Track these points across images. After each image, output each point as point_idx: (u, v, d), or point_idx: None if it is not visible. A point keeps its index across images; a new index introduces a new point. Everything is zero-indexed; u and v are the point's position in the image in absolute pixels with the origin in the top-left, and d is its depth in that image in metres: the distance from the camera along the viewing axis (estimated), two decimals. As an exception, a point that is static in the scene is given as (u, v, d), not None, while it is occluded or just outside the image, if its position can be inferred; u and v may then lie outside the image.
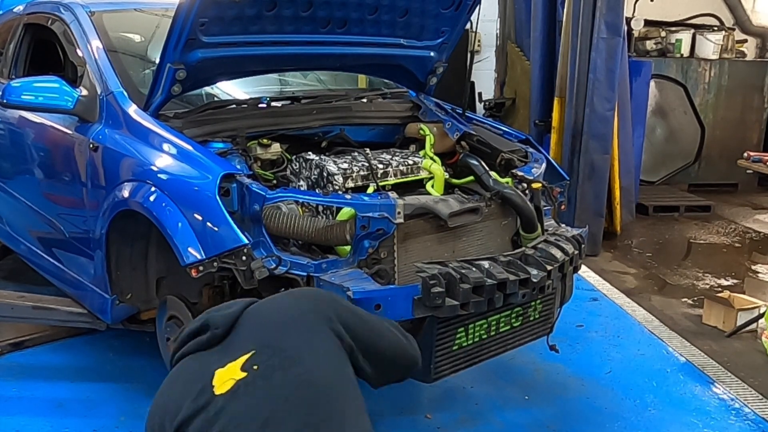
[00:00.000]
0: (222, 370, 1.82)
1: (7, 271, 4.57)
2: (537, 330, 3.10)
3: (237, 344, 1.88)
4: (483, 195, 3.04)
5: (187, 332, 1.96)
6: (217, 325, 1.91)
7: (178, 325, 2.90)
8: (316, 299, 2.04)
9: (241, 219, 2.59)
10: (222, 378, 1.80)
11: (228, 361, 1.83)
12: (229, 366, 1.82)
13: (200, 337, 1.92)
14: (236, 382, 1.78)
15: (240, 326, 1.92)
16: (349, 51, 3.27)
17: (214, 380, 1.80)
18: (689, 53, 7.93)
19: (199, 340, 1.92)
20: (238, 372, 1.80)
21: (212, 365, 1.85)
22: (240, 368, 1.81)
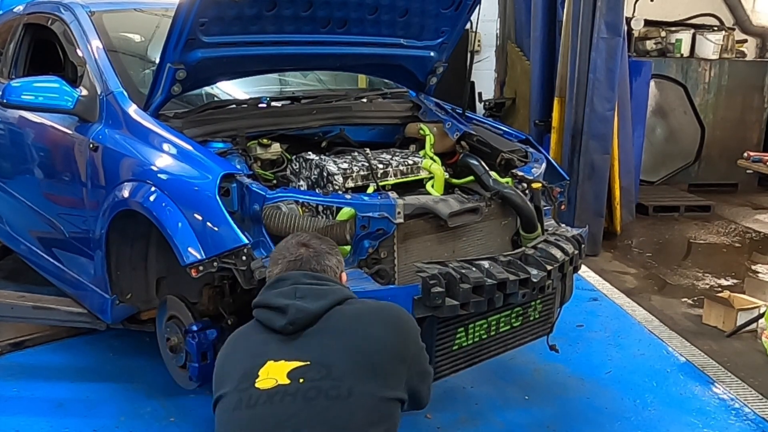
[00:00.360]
0: (273, 364, 1.83)
1: (7, 271, 4.57)
2: (537, 330, 3.10)
3: (300, 345, 1.86)
4: (483, 195, 3.04)
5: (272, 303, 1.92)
6: (296, 320, 1.87)
7: (178, 326, 2.90)
8: (406, 337, 1.96)
9: (241, 219, 2.59)
10: (269, 372, 1.81)
11: (283, 357, 1.83)
12: (281, 364, 1.82)
13: (277, 320, 1.87)
14: (277, 385, 1.79)
15: (316, 326, 1.88)
16: (349, 51, 3.27)
17: (261, 370, 1.82)
18: (689, 53, 7.93)
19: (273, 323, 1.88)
20: (284, 376, 1.80)
21: (269, 352, 1.86)
22: (287, 373, 1.80)
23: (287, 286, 1.95)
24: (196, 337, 2.76)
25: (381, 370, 1.84)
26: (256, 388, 1.80)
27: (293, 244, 2.08)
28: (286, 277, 1.99)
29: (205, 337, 2.77)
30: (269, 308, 1.92)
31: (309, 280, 1.97)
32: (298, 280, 1.97)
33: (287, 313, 1.87)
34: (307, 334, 1.87)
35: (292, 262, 2.02)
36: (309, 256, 2.03)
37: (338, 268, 2.07)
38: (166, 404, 3.28)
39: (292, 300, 1.89)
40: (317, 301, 1.90)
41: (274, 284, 1.99)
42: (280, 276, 2.00)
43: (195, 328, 2.78)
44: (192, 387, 2.95)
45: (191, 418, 3.21)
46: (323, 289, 1.95)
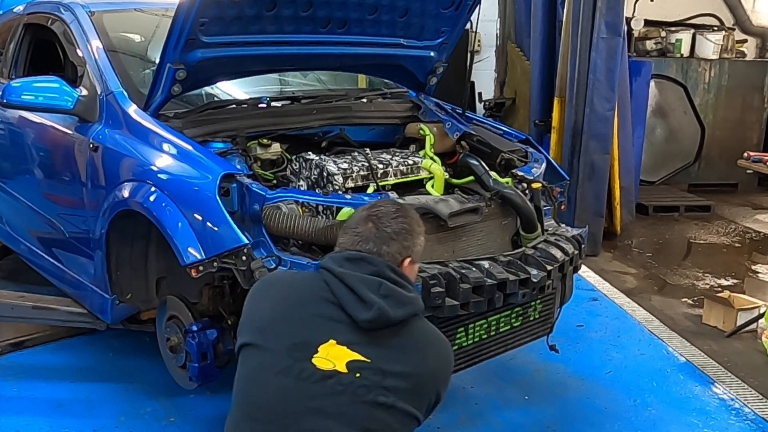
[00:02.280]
0: (336, 346, 1.80)
1: (7, 271, 4.57)
2: (537, 330, 3.10)
3: (367, 340, 1.83)
4: (483, 195, 3.04)
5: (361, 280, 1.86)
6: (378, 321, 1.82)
7: (178, 326, 2.90)
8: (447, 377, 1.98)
9: (241, 219, 2.59)
10: (328, 353, 1.80)
11: (347, 344, 1.81)
12: (343, 350, 1.80)
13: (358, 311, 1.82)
14: (334, 370, 1.78)
15: (386, 331, 1.85)
16: (349, 51, 3.27)
17: (322, 346, 1.80)
18: (689, 53, 7.93)
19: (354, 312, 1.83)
20: (344, 364, 1.79)
21: (335, 331, 1.82)
22: (347, 362, 1.79)
23: (370, 273, 1.89)
24: (196, 337, 2.76)
25: (421, 397, 1.88)
26: (312, 363, 1.78)
27: (364, 216, 2.01)
28: (369, 260, 1.92)
29: (205, 337, 2.77)
30: (350, 289, 1.86)
31: (393, 275, 1.92)
32: (383, 272, 1.90)
33: (371, 312, 1.82)
34: (377, 335, 1.84)
35: (354, 237, 1.97)
36: (370, 235, 1.96)
37: (400, 254, 1.98)
38: (166, 404, 3.28)
39: (376, 296, 1.84)
40: (399, 309, 1.87)
41: (356, 262, 1.91)
42: (364, 255, 1.93)
43: (195, 328, 2.78)
44: (192, 387, 2.95)
45: (191, 418, 3.21)
46: (406, 296, 1.91)
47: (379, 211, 2.02)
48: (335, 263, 1.92)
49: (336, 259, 1.94)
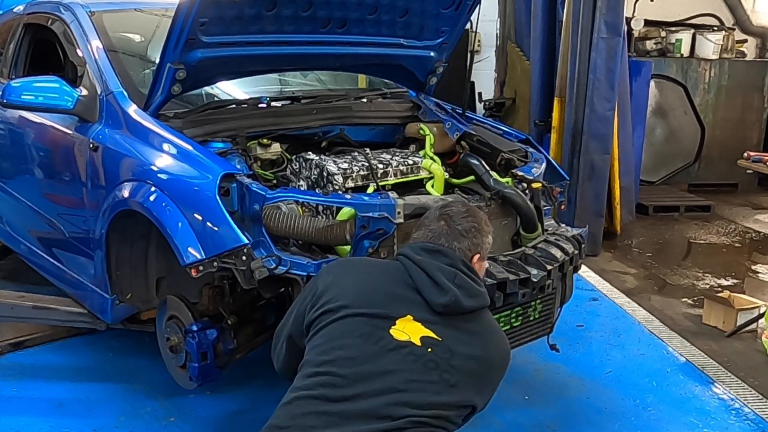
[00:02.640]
0: (412, 321, 1.97)
1: (7, 271, 4.57)
2: (537, 330, 3.10)
3: (440, 322, 1.99)
4: (483, 195, 3.04)
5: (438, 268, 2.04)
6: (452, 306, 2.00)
7: (178, 326, 2.90)
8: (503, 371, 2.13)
9: (241, 219, 2.59)
10: (405, 327, 1.96)
11: (422, 321, 1.98)
12: (418, 326, 1.96)
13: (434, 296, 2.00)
14: (408, 341, 1.93)
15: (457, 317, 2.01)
16: (349, 51, 3.28)
17: (400, 319, 1.96)
18: (689, 53, 7.93)
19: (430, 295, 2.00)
20: (418, 338, 1.94)
21: (413, 308, 2.00)
22: (420, 337, 1.94)
23: (446, 264, 2.07)
24: (196, 337, 2.76)
25: (480, 383, 2.03)
26: (390, 334, 1.94)
27: (437, 215, 2.21)
28: (445, 252, 2.10)
29: (205, 337, 2.77)
30: (428, 275, 2.03)
31: (466, 269, 2.10)
32: (457, 265, 2.08)
33: (447, 297, 2.00)
34: (449, 319, 2.01)
35: (429, 232, 2.17)
36: (442, 232, 2.15)
37: (470, 250, 2.16)
38: (165, 404, 3.28)
39: (452, 284, 2.02)
40: (471, 299, 2.05)
41: (433, 253, 2.10)
42: (440, 248, 2.11)
43: (195, 328, 2.78)
44: (192, 387, 2.95)
45: (191, 418, 3.21)
46: (478, 289, 2.10)
47: (451, 210, 2.22)
48: (413, 251, 2.10)
49: (414, 249, 2.12)
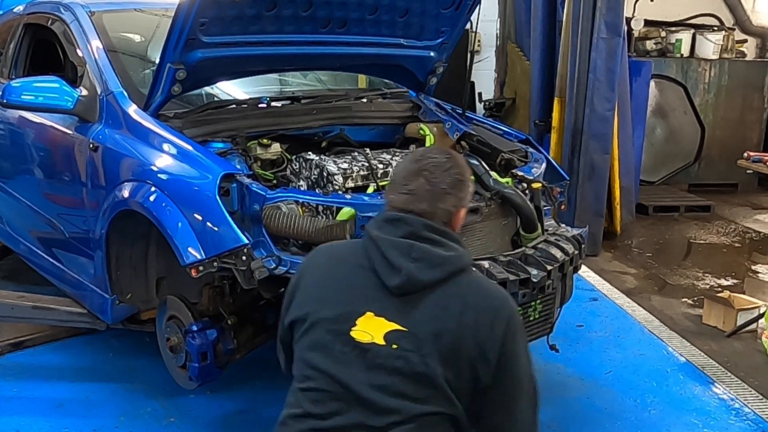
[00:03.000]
0: (373, 317, 1.77)
1: (7, 271, 4.57)
2: (537, 330, 3.10)
3: (402, 309, 1.77)
4: (483, 195, 3.04)
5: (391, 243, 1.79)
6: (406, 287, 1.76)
7: (178, 326, 2.90)
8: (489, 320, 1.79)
9: (241, 219, 2.59)
10: (366, 326, 1.77)
11: (384, 315, 1.77)
12: (381, 321, 1.77)
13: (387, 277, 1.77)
14: (371, 342, 1.75)
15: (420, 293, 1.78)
16: (349, 51, 3.28)
17: (360, 319, 1.78)
18: (689, 53, 7.93)
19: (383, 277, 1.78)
20: (381, 336, 1.76)
21: (371, 303, 1.79)
22: (384, 334, 1.76)
23: (403, 235, 1.80)
24: (196, 337, 2.76)
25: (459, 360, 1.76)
26: (351, 336, 1.77)
27: (414, 169, 1.87)
28: (406, 220, 1.82)
29: (205, 337, 2.77)
30: (382, 255, 1.80)
31: (429, 234, 1.81)
32: (417, 232, 1.80)
33: (399, 278, 1.76)
34: (412, 299, 1.78)
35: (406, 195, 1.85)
36: (422, 193, 1.83)
37: (455, 207, 1.87)
38: (165, 404, 3.28)
39: (407, 260, 1.77)
40: (431, 271, 1.78)
41: (392, 221, 1.83)
42: (397, 215, 1.83)
43: (195, 328, 2.78)
44: (192, 387, 2.95)
45: (191, 418, 3.21)
46: (440, 255, 1.80)
47: (430, 163, 1.87)
48: (374, 226, 1.86)
49: (377, 221, 1.88)
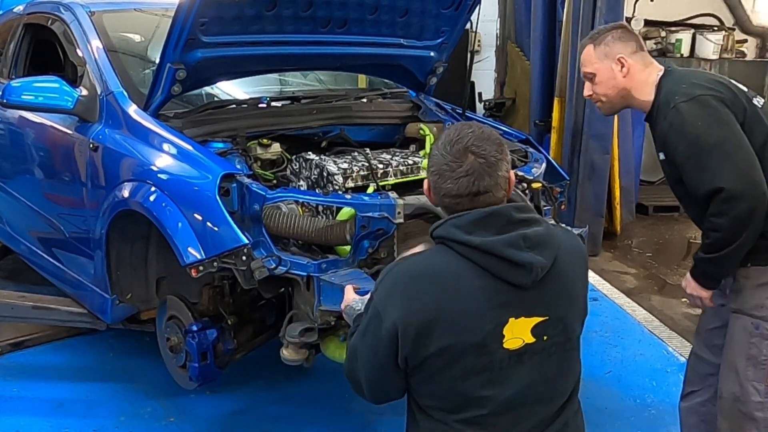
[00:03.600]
0: (515, 321, 1.73)
1: (7, 271, 4.57)
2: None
3: (536, 300, 1.75)
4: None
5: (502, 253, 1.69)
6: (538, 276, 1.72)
7: (178, 326, 2.90)
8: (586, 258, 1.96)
9: (241, 219, 2.59)
10: (513, 332, 1.73)
11: (522, 314, 1.74)
12: (523, 321, 1.74)
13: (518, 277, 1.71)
14: (524, 344, 1.74)
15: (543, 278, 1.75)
16: (349, 51, 3.27)
17: (505, 328, 1.73)
18: (689, 53, 7.93)
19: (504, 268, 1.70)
20: (529, 334, 1.75)
21: (508, 310, 1.73)
22: (530, 330, 1.75)
23: (506, 229, 1.72)
24: (196, 337, 2.76)
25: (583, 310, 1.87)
26: (505, 348, 1.72)
27: (459, 150, 1.75)
28: (494, 213, 1.73)
29: (205, 337, 2.77)
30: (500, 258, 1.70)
31: (520, 215, 1.76)
32: (513, 219, 1.74)
33: (531, 272, 1.71)
34: (538, 285, 1.75)
35: (464, 179, 1.73)
36: (481, 169, 1.74)
37: (508, 169, 1.80)
38: (165, 404, 3.28)
39: (527, 254, 1.71)
40: (546, 251, 1.75)
41: (484, 219, 1.72)
42: (485, 212, 1.73)
43: (195, 328, 2.78)
44: (192, 387, 2.95)
45: (191, 418, 3.21)
46: (544, 233, 1.77)
47: (469, 138, 1.77)
48: (465, 232, 1.72)
49: (463, 227, 1.73)
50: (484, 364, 1.72)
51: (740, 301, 2.42)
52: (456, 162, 1.75)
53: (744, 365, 2.40)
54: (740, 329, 2.42)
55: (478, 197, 1.74)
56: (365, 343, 1.78)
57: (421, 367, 1.74)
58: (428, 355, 1.71)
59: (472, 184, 1.73)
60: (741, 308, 2.42)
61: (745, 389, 2.40)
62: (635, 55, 2.48)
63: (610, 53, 2.47)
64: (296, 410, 3.32)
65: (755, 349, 2.38)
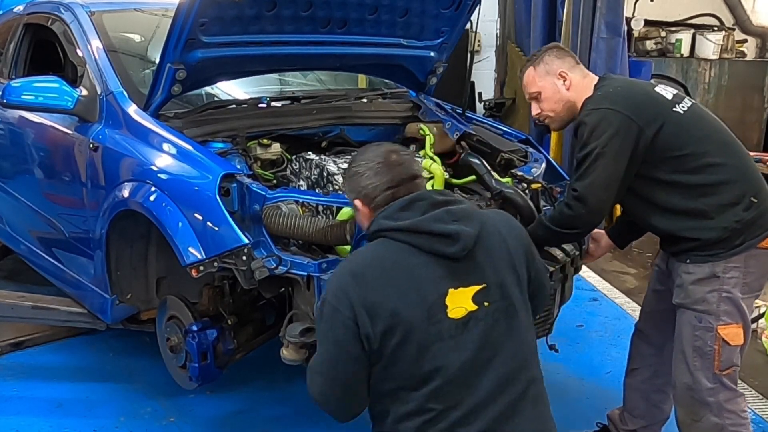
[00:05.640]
0: (454, 291, 1.88)
1: (7, 271, 4.57)
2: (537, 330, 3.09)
3: (471, 270, 1.92)
4: (483, 195, 3.04)
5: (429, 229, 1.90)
6: (467, 245, 1.90)
7: (178, 326, 2.90)
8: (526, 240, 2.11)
9: (242, 219, 2.59)
10: (455, 301, 1.88)
11: (460, 285, 1.89)
12: (462, 291, 1.88)
13: (441, 243, 1.89)
14: (468, 312, 1.87)
15: (474, 249, 1.93)
16: (349, 51, 3.27)
17: (447, 299, 1.87)
18: (689, 53, 7.92)
19: (439, 246, 1.89)
20: (470, 302, 1.88)
21: (446, 281, 1.89)
22: (471, 299, 1.88)
23: (429, 207, 1.95)
24: (196, 337, 2.76)
25: (523, 280, 2.01)
26: (451, 318, 1.86)
27: (383, 152, 2.07)
28: (418, 198, 1.98)
29: (205, 337, 2.77)
30: (429, 234, 1.90)
31: (441, 197, 2.01)
32: (435, 199, 1.98)
33: (459, 240, 1.89)
34: (470, 256, 1.92)
35: (396, 167, 2.03)
36: (404, 161, 2.06)
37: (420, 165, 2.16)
38: (165, 404, 3.28)
39: (453, 225, 1.91)
40: (471, 223, 1.95)
41: (410, 205, 1.97)
42: (407, 199, 1.98)
43: (195, 328, 2.78)
44: (192, 387, 2.95)
45: (191, 418, 3.21)
46: (466, 209, 2.00)
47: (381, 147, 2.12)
48: (393, 220, 1.95)
49: (391, 216, 1.96)
50: (434, 335, 1.86)
51: (683, 295, 2.58)
52: (374, 159, 2.04)
53: (692, 356, 2.58)
54: (686, 323, 2.59)
55: (400, 187, 2.00)
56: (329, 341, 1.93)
57: (381, 350, 1.87)
58: (383, 334, 1.85)
59: (402, 175, 2.02)
60: (684, 303, 2.59)
61: (696, 378, 2.59)
62: (574, 69, 2.69)
63: (551, 70, 2.68)
64: (296, 410, 3.32)
65: (700, 341, 2.56)
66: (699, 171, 2.47)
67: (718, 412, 2.60)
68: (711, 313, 2.52)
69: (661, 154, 2.48)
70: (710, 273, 2.51)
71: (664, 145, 2.47)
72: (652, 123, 2.46)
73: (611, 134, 2.43)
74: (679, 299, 2.60)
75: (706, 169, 2.47)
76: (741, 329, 2.58)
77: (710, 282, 2.51)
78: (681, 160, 2.47)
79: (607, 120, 2.45)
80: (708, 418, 2.61)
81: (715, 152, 2.50)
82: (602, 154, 2.44)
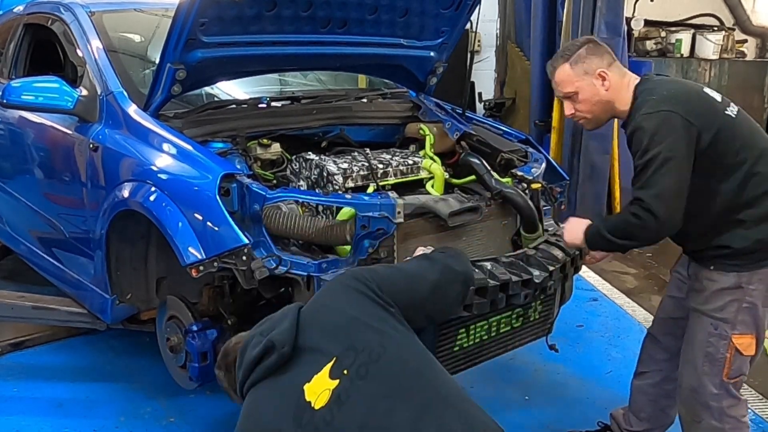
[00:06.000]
0: (309, 384, 1.78)
1: (7, 271, 4.57)
2: (537, 330, 3.10)
3: (312, 355, 1.83)
4: (483, 195, 3.04)
5: (252, 359, 1.86)
6: (283, 343, 1.83)
7: (178, 326, 2.90)
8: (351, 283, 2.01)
9: (242, 219, 2.59)
10: (314, 391, 1.76)
11: (313, 374, 1.79)
12: (316, 378, 1.78)
13: (268, 361, 1.83)
14: (332, 390, 1.75)
15: (303, 336, 1.86)
16: (349, 51, 3.27)
17: (306, 396, 1.76)
18: (689, 53, 7.91)
19: (268, 364, 1.83)
20: (329, 381, 1.77)
21: (297, 382, 1.80)
22: (329, 377, 1.77)
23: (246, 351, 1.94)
24: (196, 338, 2.76)
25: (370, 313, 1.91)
26: (318, 409, 1.74)
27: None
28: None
29: (205, 337, 2.78)
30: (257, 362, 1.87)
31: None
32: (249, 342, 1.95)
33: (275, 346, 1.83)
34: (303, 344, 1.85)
35: None
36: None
37: None
38: (165, 404, 3.28)
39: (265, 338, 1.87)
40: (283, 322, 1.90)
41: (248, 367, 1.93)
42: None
43: (195, 328, 2.78)
44: (192, 387, 2.95)
45: (191, 418, 3.21)
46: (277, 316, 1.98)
47: None
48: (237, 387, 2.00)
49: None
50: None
51: (701, 300, 2.54)
52: None
53: (702, 361, 2.56)
54: (701, 328, 2.55)
55: None
56: None
57: None
58: None
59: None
60: (702, 308, 2.54)
61: (702, 382, 2.57)
62: (612, 67, 2.52)
63: (589, 69, 2.50)
64: (296, 410, 3.32)
65: (713, 348, 2.53)
66: (747, 181, 2.37)
67: (719, 416, 2.60)
68: (728, 322, 2.49)
69: (715, 159, 2.37)
70: (735, 283, 2.46)
71: (719, 150, 2.35)
72: (710, 128, 2.35)
73: (676, 138, 2.30)
74: (696, 304, 2.56)
75: (752, 179, 2.37)
76: (754, 340, 2.54)
77: (734, 292, 2.46)
78: (732, 169, 2.36)
79: (669, 123, 2.31)
80: (708, 422, 2.61)
81: (761, 161, 2.40)
82: (669, 159, 2.28)
